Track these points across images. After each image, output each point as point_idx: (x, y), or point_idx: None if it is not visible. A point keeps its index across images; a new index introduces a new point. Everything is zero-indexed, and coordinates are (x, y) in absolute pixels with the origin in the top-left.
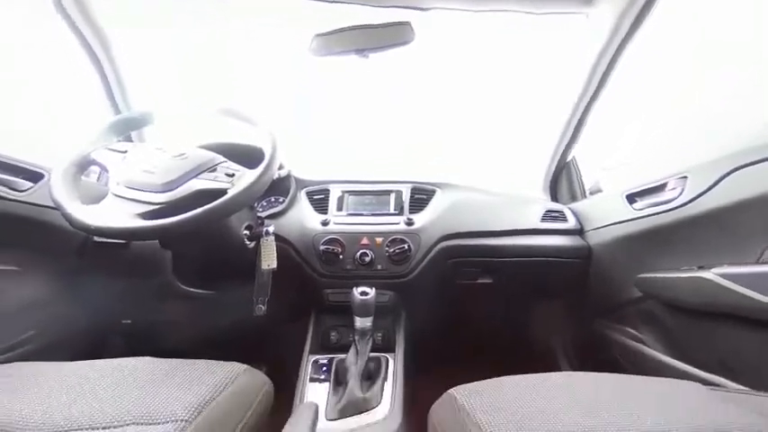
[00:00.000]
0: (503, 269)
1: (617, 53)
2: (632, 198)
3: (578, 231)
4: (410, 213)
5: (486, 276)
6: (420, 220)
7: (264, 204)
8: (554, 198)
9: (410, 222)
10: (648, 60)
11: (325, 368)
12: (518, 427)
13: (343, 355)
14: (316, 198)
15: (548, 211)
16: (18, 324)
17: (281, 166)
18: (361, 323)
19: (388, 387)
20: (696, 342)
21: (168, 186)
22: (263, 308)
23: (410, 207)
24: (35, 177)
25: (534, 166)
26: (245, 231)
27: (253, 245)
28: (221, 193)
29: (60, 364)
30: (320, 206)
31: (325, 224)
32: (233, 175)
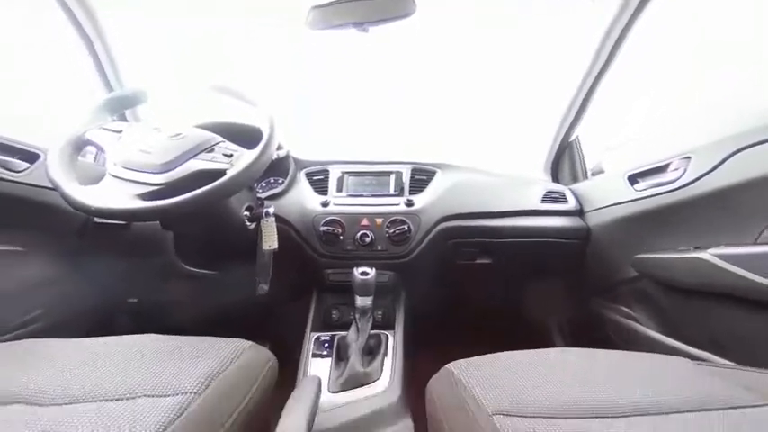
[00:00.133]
0: (502, 250)
1: (626, 29)
2: (634, 179)
3: (578, 212)
4: (410, 194)
5: (486, 257)
6: (420, 201)
7: (264, 185)
8: (555, 179)
9: (410, 203)
10: (657, 37)
11: (327, 344)
12: (513, 399)
13: (344, 333)
14: (315, 179)
15: (548, 192)
16: (26, 303)
17: (279, 147)
18: (361, 302)
19: (387, 362)
20: (688, 320)
21: (166, 167)
22: (265, 287)
23: (410, 188)
24: (31, 158)
25: (536, 147)
26: (245, 212)
27: (253, 226)
28: (220, 173)
29: (70, 340)
30: (320, 187)
31: (326, 205)
32: (231, 156)
